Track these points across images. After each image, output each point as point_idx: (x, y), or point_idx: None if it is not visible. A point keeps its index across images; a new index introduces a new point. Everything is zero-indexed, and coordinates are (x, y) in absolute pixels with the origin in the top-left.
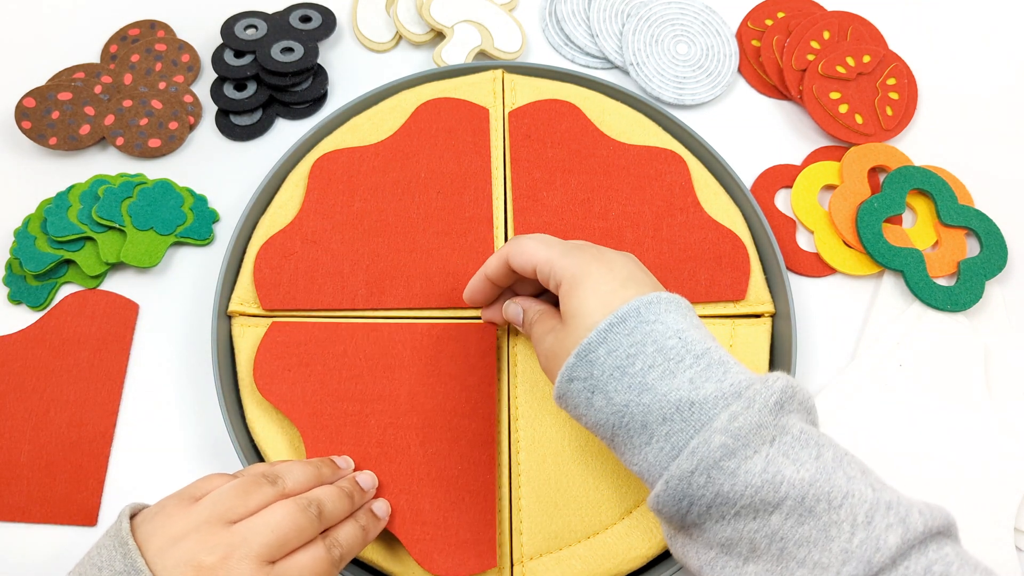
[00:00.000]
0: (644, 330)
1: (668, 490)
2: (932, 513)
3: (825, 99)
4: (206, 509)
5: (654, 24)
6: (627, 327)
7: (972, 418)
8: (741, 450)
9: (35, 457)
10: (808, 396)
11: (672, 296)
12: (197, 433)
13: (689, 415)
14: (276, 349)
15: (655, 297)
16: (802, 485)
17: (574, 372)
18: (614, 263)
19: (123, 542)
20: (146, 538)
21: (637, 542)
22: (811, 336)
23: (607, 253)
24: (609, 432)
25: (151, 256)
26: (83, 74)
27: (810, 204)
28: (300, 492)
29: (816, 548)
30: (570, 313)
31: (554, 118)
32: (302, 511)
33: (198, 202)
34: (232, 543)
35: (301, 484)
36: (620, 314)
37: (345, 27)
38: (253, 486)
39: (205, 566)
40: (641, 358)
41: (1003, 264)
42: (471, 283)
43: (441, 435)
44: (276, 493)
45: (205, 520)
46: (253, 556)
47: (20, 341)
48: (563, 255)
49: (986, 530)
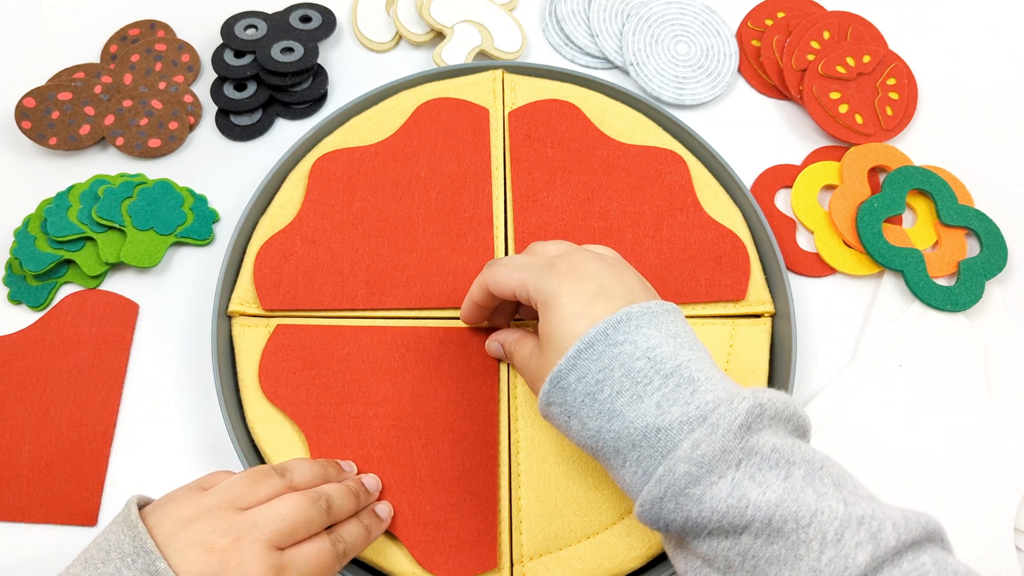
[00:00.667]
0: (611, 353)
1: (643, 512)
2: (908, 524)
3: (825, 99)
4: (217, 495)
5: (654, 24)
6: (595, 352)
7: (972, 418)
8: (705, 477)
9: (35, 457)
10: (787, 406)
11: (645, 307)
12: (197, 433)
13: (656, 441)
14: (280, 353)
15: (624, 315)
16: (768, 507)
17: (550, 398)
18: (583, 277)
19: (132, 525)
20: (156, 523)
21: (637, 542)
22: (811, 336)
23: (580, 264)
24: (590, 452)
25: (151, 256)
26: (83, 74)
27: (810, 204)
28: (307, 487)
29: (786, 567)
30: (545, 338)
31: (554, 118)
32: (312, 503)
33: (198, 202)
34: (243, 527)
35: (308, 479)
36: (587, 339)
37: (345, 27)
38: (262, 476)
39: (217, 547)
40: (609, 384)
41: (1003, 264)
42: (463, 307)
43: (443, 437)
44: (285, 485)
45: (216, 505)
46: (263, 540)
47: (20, 341)
48: (537, 276)
49: (986, 530)
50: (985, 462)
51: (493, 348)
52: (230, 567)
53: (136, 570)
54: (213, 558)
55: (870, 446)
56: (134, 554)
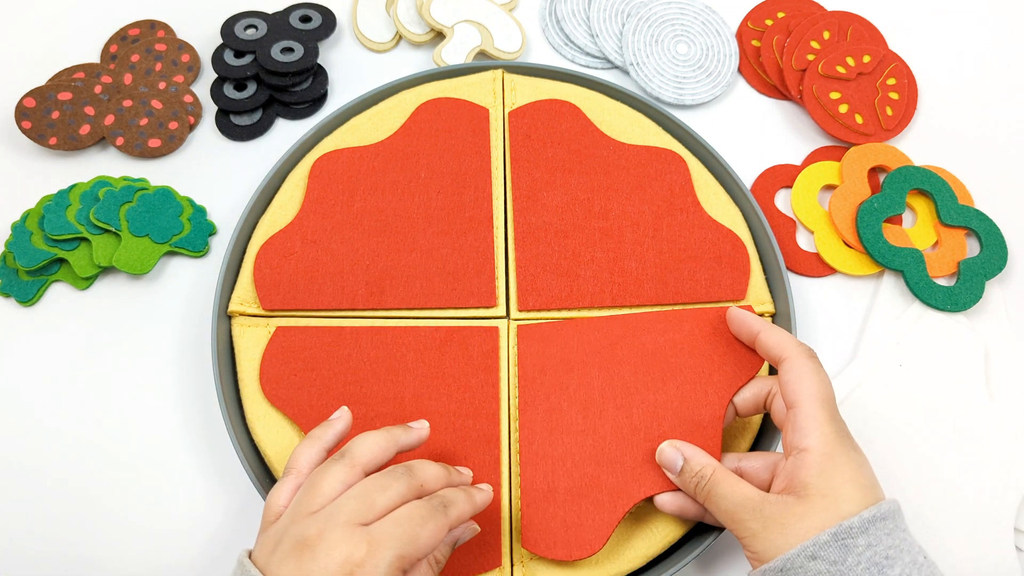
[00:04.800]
0: (901, 536)
1: None
2: None
3: (825, 99)
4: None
5: (654, 24)
6: (887, 527)
7: (972, 418)
8: None
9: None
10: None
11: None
12: (197, 433)
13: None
14: (282, 354)
15: (897, 505)
16: None
17: (822, 551)
18: (863, 460)
19: (240, 563)
20: (256, 558)
21: (638, 542)
22: (811, 336)
23: (854, 442)
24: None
25: (143, 263)
26: (83, 74)
27: (810, 204)
28: (374, 466)
29: None
30: (817, 491)
31: (554, 118)
32: (386, 473)
33: (197, 213)
34: (319, 517)
35: (373, 454)
36: (883, 511)
37: (345, 27)
38: (322, 471)
39: (304, 545)
40: (899, 565)
41: (1003, 264)
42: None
43: (445, 437)
44: (347, 466)
45: (288, 512)
46: (344, 523)
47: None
48: (827, 422)
49: (986, 530)
50: (985, 462)
51: (668, 455)
52: (320, 558)
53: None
54: (304, 559)
55: (870, 446)
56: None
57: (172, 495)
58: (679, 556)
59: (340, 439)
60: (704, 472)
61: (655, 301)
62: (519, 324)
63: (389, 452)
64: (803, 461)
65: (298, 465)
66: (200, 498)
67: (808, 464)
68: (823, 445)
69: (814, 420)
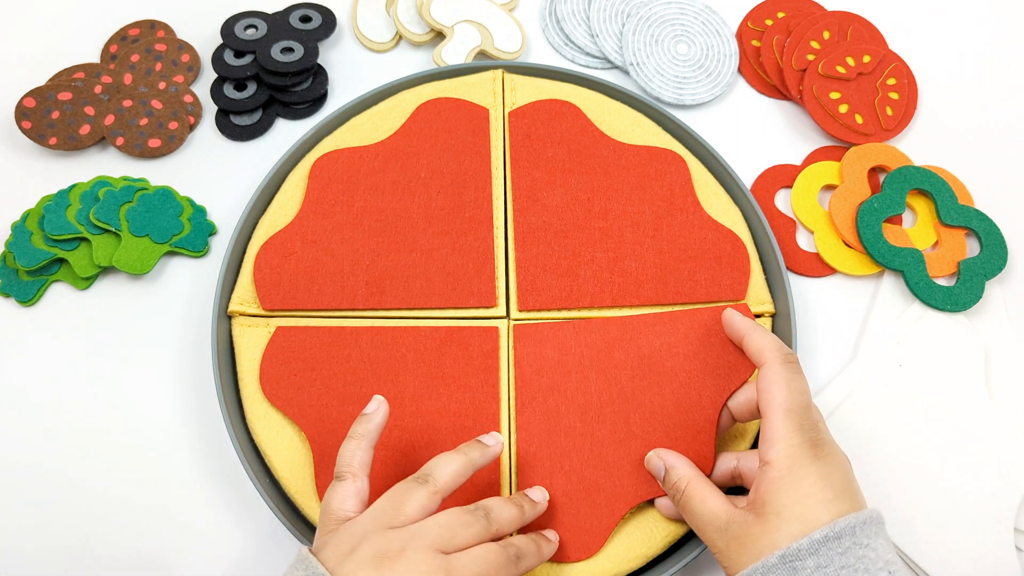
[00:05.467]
0: (857, 554)
1: None
2: None
3: (825, 99)
4: (368, 520)
5: (654, 24)
6: (841, 546)
7: (972, 418)
8: None
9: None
10: None
11: (880, 514)
12: (197, 433)
13: None
14: (281, 354)
15: (869, 516)
16: None
17: (771, 572)
18: (833, 465)
19: (303, 559)
20: (325, 560)
21: (637, 542)
22: (811, 336)
23: (828, 448)
24: None
25: (143, 263)
26: (83, 74)
27: (810, 204)
28: (454, 487)
29: None
30: (772, 508)
31: (554, 118)
32: (467, 511)
33: (197, 213)
34: (404, 538)
35: (453, 480)
36: (836, 530)
37: (345, 27)
38: (403, 491)
39: (385, 560)
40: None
41: (1003, 264)
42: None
43: (446, 437)
44: (430, 493)
45: (372, 529)
46: (427, 547)
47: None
48: (792, 435)
49: (986, 530)
50: (985, 462)
51: (654, 465)
52: (399, 573)
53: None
54: (383, 570)
55: (870, 447)
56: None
57: (172, 495)
58: (679, 556)
59: (381, 431)
60: (679, 484)
61: (655, 301)
62: (517, 324)
63: (467, 476)
64: (765, 476)
65: (352, 468)
66: (200, 498)
67: (768, 479)
68: (784, 459)
69: (776, 432)
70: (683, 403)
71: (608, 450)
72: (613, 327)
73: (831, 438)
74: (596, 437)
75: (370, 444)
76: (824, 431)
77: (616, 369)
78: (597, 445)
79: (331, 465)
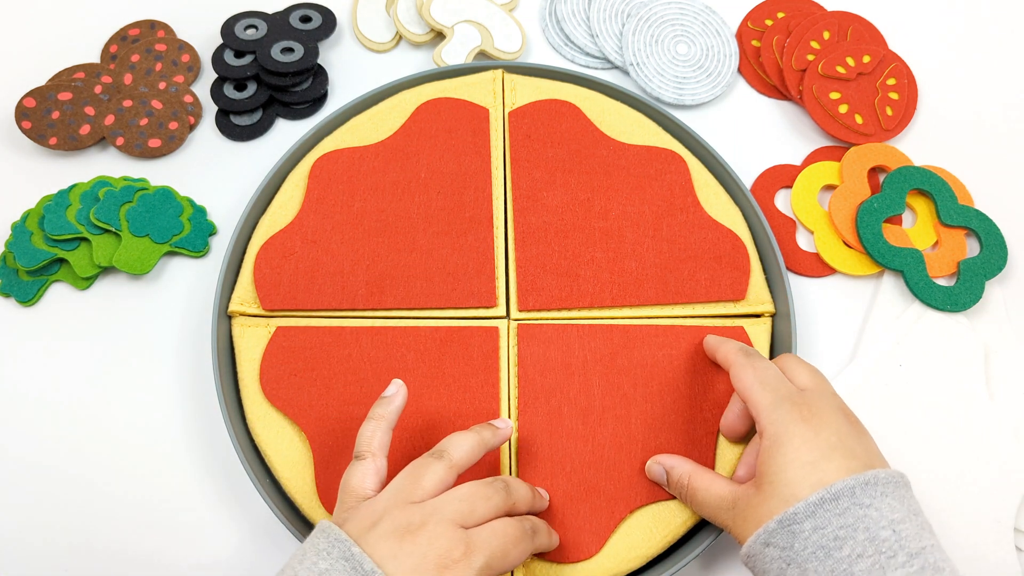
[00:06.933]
0: (856, 514)
1: None
2: None
3: (825, 99)
4: (388, 495)
5: (654, 24)
6: (839, 507)
7: (972, 418)
8: None
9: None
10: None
11: (891, 475)
12: (197, 433)
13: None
14: (281, 354)
15: (872, 477)
16: None
17: (772, 538)
18: (821, 426)
19: (324, 529)
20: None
21: (637, 542)
22: (811, 336)
23: (822, 411)
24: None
25: (143, 263)
26: (83, 74)
27: (810, 204)
28: (467, 461)
29: None
30: (766, 477)
31: (554, 118)
32: (486, 483)
33: (197, 213)
34: (425, 513)
35: (467, 454)
36: (834, 491)
37: (345, 27)
38: (420, 466)
39: (407, 534)
40: (850, 544)
41: (1003, 264)
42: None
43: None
44: (446, 467)
45: (393, 504)
46: (447, 520)
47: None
48: (772, 407)
49: (986, 530)
50: (985, 462)
51: (656, 472)
52: (420, 546)
53: (333, 559)
54: (405, 543)
55: None
56: (328, 548)
57: (172, 495)
58: (679, 556)
59: (399, 413)
60: (682, 480)
61: (655, 301)
62: (520, 324)
63: (480, 454)
64: (761, 449)
65: (371, 448)
66: (200, 498)
67: (762, 452)
68: (770, 429)
69: (758, 405)
70: (683, 414)
71: (609, 453)
72: (617, 334)
73: (828, 403)
74: (597, 439)
75: (389, 425)
76: (814, 399)
77: (619, 375)
78: (598, 447)
79: (331, 465)
